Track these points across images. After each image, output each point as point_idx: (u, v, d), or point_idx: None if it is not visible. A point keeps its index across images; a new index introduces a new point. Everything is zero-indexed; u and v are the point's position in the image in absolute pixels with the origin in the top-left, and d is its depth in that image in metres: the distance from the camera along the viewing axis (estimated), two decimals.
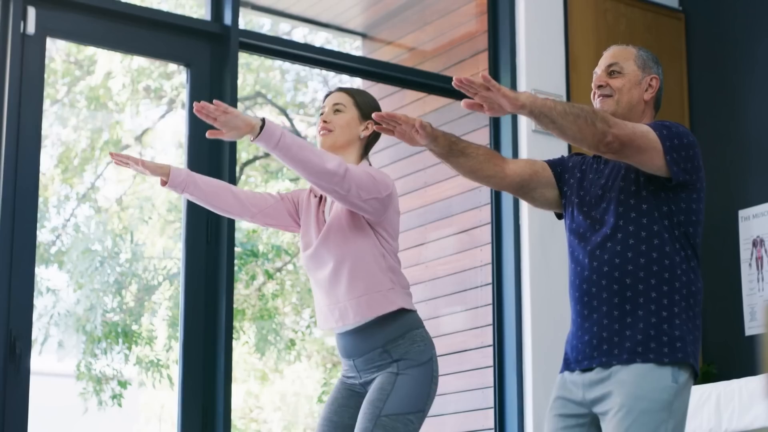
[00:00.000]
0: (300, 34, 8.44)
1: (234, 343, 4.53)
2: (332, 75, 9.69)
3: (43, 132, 4.26)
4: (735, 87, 5.68)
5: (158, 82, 9.19)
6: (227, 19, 4.65)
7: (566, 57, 5.42)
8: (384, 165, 5.80)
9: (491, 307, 5.21)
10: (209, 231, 4.40)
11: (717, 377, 5.22)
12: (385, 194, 3.23)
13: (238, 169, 9.61)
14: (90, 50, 8.78)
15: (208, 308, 4.43)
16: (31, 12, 4.22)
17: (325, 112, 3.40)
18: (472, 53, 5.53)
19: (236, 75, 4.63)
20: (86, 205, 9.16)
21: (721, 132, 5.70)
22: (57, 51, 8.54)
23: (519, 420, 5.01)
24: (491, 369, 5.16)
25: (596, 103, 3.21)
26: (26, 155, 4.15)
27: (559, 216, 3.33)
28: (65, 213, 9.03)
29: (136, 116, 9.36)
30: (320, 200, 3.40)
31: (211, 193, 3.36)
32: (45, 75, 4.27)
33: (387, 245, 3.30)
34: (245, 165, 9.94)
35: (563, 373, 3.17)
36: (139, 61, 8.85)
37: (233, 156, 4.51)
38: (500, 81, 5.35)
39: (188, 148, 4.52)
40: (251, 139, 3.09)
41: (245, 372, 10.12)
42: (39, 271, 8.38)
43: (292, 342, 9.86)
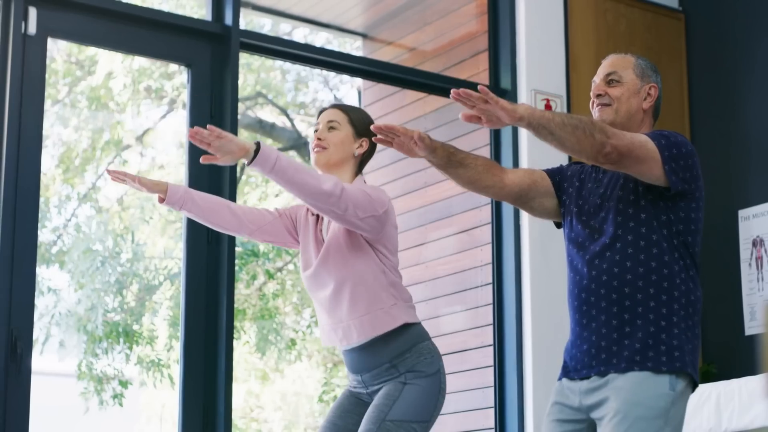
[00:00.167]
0: (301, 35, 8.44)
1: (235, 343, 4.54)
2: (333, 75, 9.70)
3: (45, 132, 4.26)
4: (735, 87, 5.68)
5: (159, 83, 9.19)
6: (228, 20, 4.65)
7: (566, 57, 5.43)
8: (384, 165, 5.80)
9: (491, 307, 5.21)
10: (210, 231, 4.39)
11: (717, 377, 5.22)
12: (382, 211, 3.22)
13: (239, 170, 9.60)
14: (91, 50, 8.78)
15: (209, 308, 4.44)
16: (32, 12, 4.22)
17: (320, 129, 3.38)
18: (473, 53, 5.54)
19: (237, 75, 4.63)
20: (87, 205, 9.15)
21: (721, 132, 5.70)
22: (58, 51, 8.54)
23: (519, 419, 5.02)
24: (491, 368, 5.16)
25: (595, 112, 3.20)
26: (27, 155, 4.16)
27: (558, 225, 3.33)
28: (66, 213, 9.03)
29: (137, 116, 9.36)
30: (318, 218, 3.38)
31: (209, 210, 3.36)
32: (46, 75, 4.27)
33: (387, 261, 3.29)
34: (246, 165, 9.93)
35: (561, 380, 3.17)
36: (140, 62, 8.84)
37: None
38: (500, 81, 5.36)
39: (189, 148, 4.51)
40: (246, 164, 3.08)
41: (246, 372, 10.12)
42: (40, 271, 8.38)
43: (293, 342, 9.86)
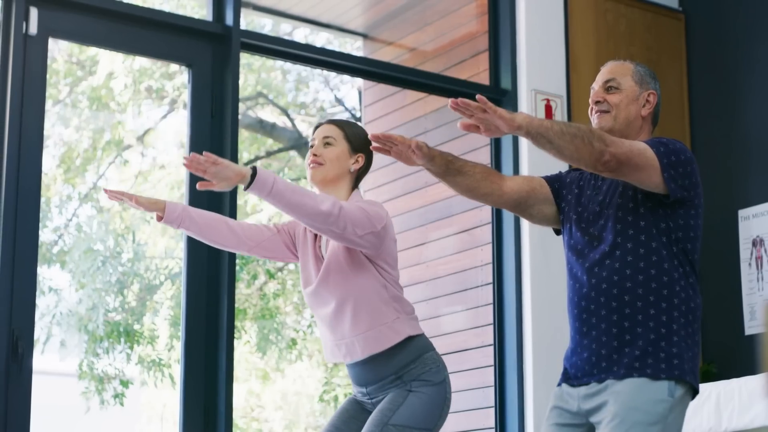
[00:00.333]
0: (301, 35, 8.44)
1: (235, 343, 4.54)
2: (333, 75, 9.71)
3: (46, 132, 4.26)
4: (735, 87, 5.68)
5: (160, 83, 9.19)
6: (229, 20, 4.66)
7: (566, 57, 5.43)
8: (385, 165, 5.81)
9: (492, 307, 5.22)
10: None
11: (717, 376, 5.23)
12: (380, 227, 3.21)
13: None
14: (92, 51, 8.78)
15: (210, 308, 4.44)
16: (34, 12, 4.22)
17: (315, 145, 3.38)
18: (473, 54, 5.54)
19: (238, 75, 4.64)
20: (88, 205, 9.16)
21: (721, 132, 5.71)
22: (59, 51, 8.54)
23: (519, 419, 5.03)
24: (492, 368, 5.17)
25: (593, 119, 3.19)
26: (28, 155, 4.16)
27: (558, 232, 3.32)
28: (67, 213, 9.03)
29: (138, 116, 9.36)
30: (316, 235, 3.38)
31: (207, 227, 3.36)
32: (47, 75, 4.28)
33: (387, 275, 3.29)
34: (246, 165, 9.93)
35: (561, 386, 3.17)
36: (141, 62, 8.85)
37: (234, 156, 4.52)
38: (501, 81, 5.37)
39: (190, 149, 4.52)
40: (243, 189, 3.08)
41: (247, 371, 10.13)
42: (41, 271, 8.39)
43: (294, 341, 9.86)
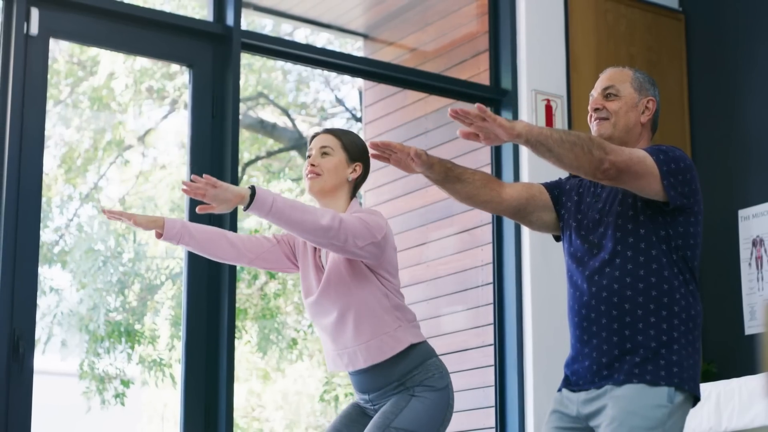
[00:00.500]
0: (302, 35, 8.45)
1: (236, 343, 4.54)
2: (334, 75, 9.71)
3: (46, 132, 4.27)
4: (735, 87, 5.69)
5: (161, 83, 9.20)
6: (229, 20, 4.66)
7: (567, 58, 5.44)
8: (385, 165, 5.80)
9: (492, 307, 5.22)
10: None
11: (717, 376, 5.23)
12: (380, 237, 3.21)
13: (240, 169, 9.62)
14: (93, 51, 8.79)
15: (211, 307, 4.45)
16: (35, 13, 4.23)
17: (313, 155, 3.37)
18: (473, 54, 5.55)
19: (238, 75, 4.64)
20: (89, 205, 9.16)
21: (721, 132, 5.71)
22: (60, 52, 8.55)
23: (520, 419, 5.03)
24: (492, 368, 5.17)
25: (593, 126, 3.19)
26: (29, 156, 4.17)
27: (558, 239, 3.33)
28: (68, 213, 9.03)
29: (139, 117, 9.36)
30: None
31: (206, 241, 3.35)
32: (48, 76, 4.28)
33: (388, 284, 3.29)
34: (247, 165, 9.95)
35: (561, 391, 3.18)
36: (142, 62, 8.85)
37: (235, 156, 4.53)
38: (501, 82, 5.37)
39: (191, 149, 4.53)
40: (243, 209, 3.08)
41: (247, 371, 10.13)
42: (42, 271, 8.39)
43: (294, 341, 9.86)
